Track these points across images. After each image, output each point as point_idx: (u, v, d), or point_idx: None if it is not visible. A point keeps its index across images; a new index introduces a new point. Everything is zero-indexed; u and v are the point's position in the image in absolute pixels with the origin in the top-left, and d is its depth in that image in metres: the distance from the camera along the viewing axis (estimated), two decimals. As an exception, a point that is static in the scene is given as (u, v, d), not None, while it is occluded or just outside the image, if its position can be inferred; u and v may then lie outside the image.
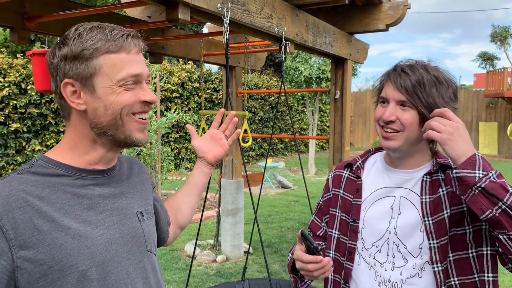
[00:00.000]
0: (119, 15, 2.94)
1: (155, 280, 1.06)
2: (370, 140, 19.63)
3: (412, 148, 1.22)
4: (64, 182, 0.92)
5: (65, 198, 0.90)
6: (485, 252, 1.16)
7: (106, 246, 0.93)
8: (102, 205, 0.96)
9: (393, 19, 3.23)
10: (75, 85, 0.91)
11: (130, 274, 0.98)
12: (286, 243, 5.42)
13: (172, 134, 10.86)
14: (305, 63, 10.29)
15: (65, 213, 0.89)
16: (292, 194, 8.78)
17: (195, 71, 11.62)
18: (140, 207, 1.06)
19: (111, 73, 0.91)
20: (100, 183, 0.98)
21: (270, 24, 2.37)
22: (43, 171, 0.92)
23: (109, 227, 0.96)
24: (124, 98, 0.92)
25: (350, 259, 1.31)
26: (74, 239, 0.88)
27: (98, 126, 0.93)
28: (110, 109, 0.92)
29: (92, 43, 0.90)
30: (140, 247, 1.02)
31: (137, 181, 1.11)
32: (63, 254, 0.86)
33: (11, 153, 7.76)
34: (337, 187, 1.39)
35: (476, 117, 17.59)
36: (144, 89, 0.95)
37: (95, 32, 0.91)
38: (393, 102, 1.19)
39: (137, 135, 0.97)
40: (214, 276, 4.30)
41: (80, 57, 0.89)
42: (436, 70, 1.20)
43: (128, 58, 0.93)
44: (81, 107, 0.92)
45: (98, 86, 0.91)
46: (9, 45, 11.80)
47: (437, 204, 1.19)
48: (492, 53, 21.12)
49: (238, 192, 4.76)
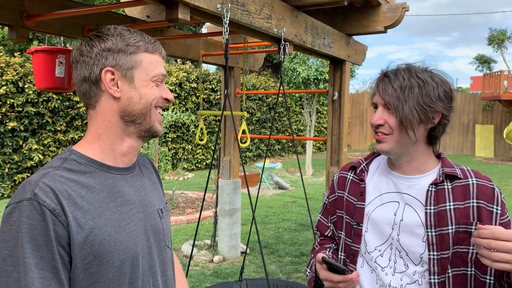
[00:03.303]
0: (118, 14, 2.93)
1: (170, 273, 1.15)
2: (367, 142, 19.67)
3: (407, 150, 1.22)
4: (98, 181, 0.99)
5: (101, 197, 0.97)
6: (488, 281, 1.16)
7: (135, 241, 1.01)
8: (132, 202, 1.04)
9: (391, 21, 3.24)
10: (115, 74, 1.00)
11: (153, 267, 1.06)
12: (283, 243, 5.43)
13: (169, 134, 10.85)
14: (303, 64, 10.30)
15: (103, 211, 0.96)
16: (289, 195, 8.78)
17: (193, 71, 11.62)
18: (160, 204, 1.14)
19: (148, 69, 1.03)
20: (128, 180, 1.06)
21: (269, 25, 2.38)
22: (78, 168, 0.98)
23: (137, 223, 1.03)
24: (155, 91, 1.04)
25: (353, 262, 1.31)
26: (111, 236, 0.95)
27: (130, 114, 1.02)
28: (144, 98, 1.02)
29: (135, 41, 1.02)
30: (160, 242, 1.10)
31: (153, 179, 1.19)
32: (102, 250, 0.93)
33: (8, 151, 7.73)
34: (342, 189, 1.40)
35: (473, 119, 17.66)
36: (165, 89, 1.08)
37: (134, 34, 1.04)
38: (381, 106, 1.22)
39: (158, 126, 1.07)
40: (211, 276, 4.30)
41: (124, 51, 1.01)
42: (423, 71, 1.20)
43: (160, 60, 1.07)
44: (117, 94, 1.01)
45: (137, 77, 1.02)
46: (6, 44, 11.77)
47: (442, 217, 1.18)
48: (489, 56, 21.21)
49: (236, 193, 4.76)
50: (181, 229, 6.02)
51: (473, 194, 1.18)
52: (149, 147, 6.62)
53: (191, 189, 8.93)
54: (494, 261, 0.99)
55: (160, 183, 1.24)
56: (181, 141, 11.30)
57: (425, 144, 1.24)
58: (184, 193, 8.18)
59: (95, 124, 1.03)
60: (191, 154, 11.61)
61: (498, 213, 1.16)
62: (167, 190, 8.29)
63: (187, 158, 11.53)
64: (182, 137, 11.33)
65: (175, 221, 6.31)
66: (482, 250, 1.01)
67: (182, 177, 10.40)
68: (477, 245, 1.02)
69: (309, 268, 1.39)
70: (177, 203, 7.32)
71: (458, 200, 1.18)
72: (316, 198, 8.31)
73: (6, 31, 11.41)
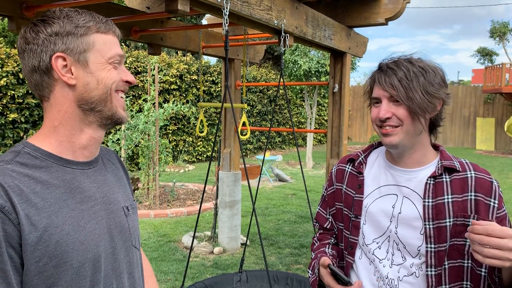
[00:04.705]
0: (118, 5, 2.92)
1: (138, 275, 1.07)
2: (368, 134, 19.66)
3: (414, 141, 1.22)
4: (55, 176, 0.91)
5: (58, 193, 0.89)
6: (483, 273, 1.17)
7: (97, 241, 0.93)
8: (93, 198, 0.96)
9: (392, 13, 3.22)
10: (66, 59, 0.91)
11: (117, 269, 0.98)
12: (282, 235, 5.45)
13: (170, 126, 10.85)
14: (304, 57, 10.27)
15: (60, 208, 0.88)
16: (289, 187, 8.80)
17: (194, 63, 11.58)
18: (125, 202, 1.06)
19: (102, 51, 0.94)
20: (89, 175, 0.97)
21: (269, 16, 2.37)
22: (32, 162, 0.90)
23: (99, 221, 0.95)
24: (113, 74, 0.96)
25: (351, 254, 1.33)
26: (69, 236, 0.87)
27: (87, 101, 0.94)
28: (102, 83, 0.94)
29: (85, 22, 0.93)
30: (126, 242, 1.02)
31: (119, 175, 1.11)
32: (59, 250, 0.85)
33: (9, 143, 7.74)
34: (340, 181, 1.40)
35: (474, 112, 17.63)
36: (124, 70, 1.00)
37: (83, 14, 0.95)
38: (385, 99, 1.20)
39: (121, 112, 0.99)
40: (211, 268, 4.33)
41: (74, 33, 0.92)
42: (420, 61, 1.21)
43: (114, 40, 0.98)
44: (71, 81, 0.92)
45: (92, 61, 0.93)
46: (7, 35, 11.72)
47: (440, 210, 1.18)
48: (491, 48, 21.13)
49: (236, 185, 4.77)
50: (182, 220, 6.05)
51: (471, 187, 1.18)
52: (150, 139, 6.62)
53: (192, 181, 8.95)
54: (486, 256, 1.00)
55: (128, 179, 1.16)
56: (182, 133, 11.31)
57: (427, 133, 1.25)
58: (184, 185, 8.20)
59: (50, 117, 0.94)
60: (191, 146, 11.62)
61: (495, 207, 1.17)
62: (168, 182, 8.31)
63: (188, 150, 11.54)
64: (183, 129, 11.33)
65: (175, 213, 6.34)
66: (475, 245, 1.02)
67: (182, 169, 10.42)
68: (471, 240, 1.03)
69: (310, 270, 1.39)
70: (177, 195, 7.35)
71: (456, 193, 1.18)
72: (316, 190, 8.33)
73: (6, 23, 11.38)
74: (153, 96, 6.92)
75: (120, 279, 0.99)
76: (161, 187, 7.67)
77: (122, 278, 0.99)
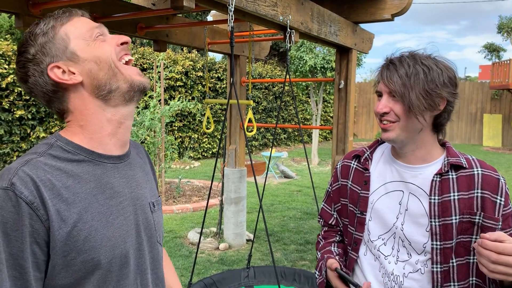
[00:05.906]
0: (124, 2, 2.93)
1: (160, 271, 1.07)
2: (374, 131, 19.60)
3: (413, 137, 1.21)
4: (86, 170, 0.91)
5: (88, 188, 0.89)
6: None
7: (125, 237, 0.93)
8: (122, 194, 0.96)
9: (398, 8, 3.20)
10: (60, 65, 0.92)
11: (142, 265, 0.99)
12: (288, 232, 5.46)
13: (176, 123, 10.88)
14: (310, 53, 10.24)
15: (90, 204, 0.88)
16: (294, 184, 8.81)
17: (199, 60, 11.59)
18: (152, 197, 1.06)
19: (79, 34, 0.93)
20: (119, 170, 0.97)
21: (275, 13, 2.36)
22: (64, 155, 0.90)
23: (127, 217, 0.95)
24: (105, 47, 0.94)
25: (355, 250, 1.32)
26: (97, 231, 0.88)
27: (100, 86, 0.93)
28: (101, 60, 0.93)
29: (46, 25, 0.93)
30: (151, 238, 1.02)
31: (146, 170, 1.11)
32: (87, 246, 0.85)
33: (16, 140, 7.80)
34: (346, 177, 1.40)
35: (481, 109, 17.50)
36: (113, 37, 0.97)
37: (42, 21, 0.95)
38: (386, 94, 1.20)
39: (138, 77, 0.97)
40: (217, 264, 4.34)
41: (46, 41, 0.92)
42: (427, 58, 1.19)
43: (82, 19, 0.96)
44: (78, 78, 0.92)
45: (78, 49, 0.93)
46: (14, 32, 11.79)
47: (446, 207, 1.18)
48: (498, 44, 20.91)
49: (241, 181, 4.78)
50: (188, 216, 6.08)
51: (478, 184, 1.18)
52: (156, 136, 6.64)
53: (197, 177, 8.97)
54: (491, 271, 0.99)
55: (154, 174, 1.16)
56: (188, 130, 11.33)
57: (430, 131, 1.23)
58: (190, 182, 8.23)
59: (75, 120, 0.95)
60: (197, 143, 11.64)
61: (502, 204, 1.17)
62: (174, 179, 8.34)
63: (194, 147, 11.57)
64: (189, 126, 11.35)
65: (181, 209, 6.37)
66: (482, 259, 1.01)
67: (188, 166, 10.45)
68: (478, 253, 1.02)
69: (318, 271, 1.38)
70: (183, 191, 7.38)
71: (462, 190, 1.18)
72: (322, 187, 8.32)
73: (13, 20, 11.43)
74: (158, 93, 6.94)
75: (145, 275, 0.99)
76: (167, 183, 7.70)
77: (146, 274, 1.00)
